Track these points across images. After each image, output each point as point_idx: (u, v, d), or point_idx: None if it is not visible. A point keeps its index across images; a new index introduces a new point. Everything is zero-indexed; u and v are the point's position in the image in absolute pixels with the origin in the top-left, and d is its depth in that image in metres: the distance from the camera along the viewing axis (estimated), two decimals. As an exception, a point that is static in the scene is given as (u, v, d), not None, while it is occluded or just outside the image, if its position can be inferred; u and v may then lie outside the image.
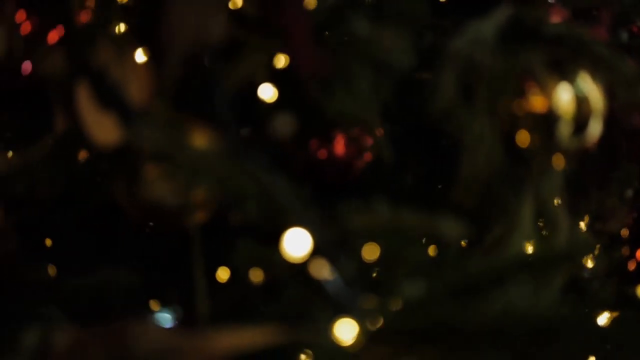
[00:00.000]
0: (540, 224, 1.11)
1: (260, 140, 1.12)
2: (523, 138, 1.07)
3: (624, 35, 1.48)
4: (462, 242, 0.98)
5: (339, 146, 1.15)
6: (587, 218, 1.38)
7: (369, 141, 1.14)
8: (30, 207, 1.14)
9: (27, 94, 1.11)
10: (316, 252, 0.92)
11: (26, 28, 1.05)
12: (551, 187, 1.11)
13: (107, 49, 0.91)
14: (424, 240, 0.99)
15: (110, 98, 0.90)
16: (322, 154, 1.15)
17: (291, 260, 0.87)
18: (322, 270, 0.91)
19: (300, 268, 0.94)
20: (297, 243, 0.87)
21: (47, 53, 1.02)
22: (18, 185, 1.11)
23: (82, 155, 1.10)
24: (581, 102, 1.05)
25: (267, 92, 1.16)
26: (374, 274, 0.98)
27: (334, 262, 0.92)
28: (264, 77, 1.12)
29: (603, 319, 1.43)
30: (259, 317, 0.97)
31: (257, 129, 1.12)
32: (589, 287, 1.42)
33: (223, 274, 1.16)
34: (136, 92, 0.92)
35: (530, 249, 1.07)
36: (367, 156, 1.15)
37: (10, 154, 1.14)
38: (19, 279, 1.08)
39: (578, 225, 1.31)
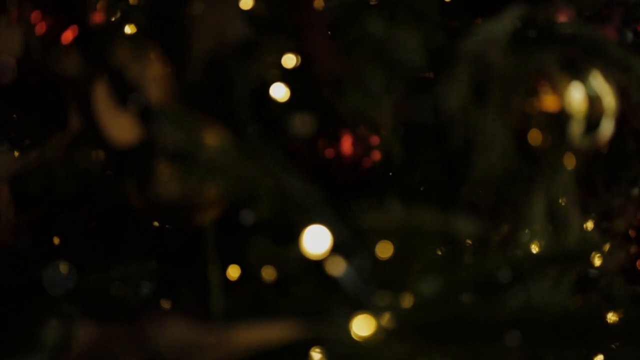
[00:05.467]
0: (551, 222, 1.12)
1: (275, 139, 1.12)
2: (535, 137, 1.08)
3: (629, 35, 1.48)
4: (469, 241, 0.98)
5: (349, 145, 1.16)
6: (595, 217, 1.38)
7: (379, 140, 1.14)
8: (44, 205, 1.14)
9: (42, 93, 1.12)
10: (332, 249, 0.92)
11: (41, 28, 1.05)
12: (562, 186, 1.12)
13: (124, 47, 0.92)
14: (437, 239, 0.99)
15: (127, 97, 0.91)
16: (333, 152, 1.16)
17: (310, 258, 0.88)
18: (338, 267, 0.92)
19: (315, 265, 0.95)
20: (316, 240, 0.88)
21: (62, 53, 1.03)
22: (32, 183, 1.11)
23: (97, 154, 1.10)
24: (593, 101, 1.06)
25: (279, 92, 1.16)
26: (389, 271, 0.99)
27: (349, 259, 0.92)
28: (276, 77, 1.13)
29: (611, 317, 1.43)
30: (273, 314, 0.97)
31: (270, 128, 1.12)
32: (598, 285, 1.43)
33: (234, 271, 1.17)
34: (154, 90, 0.93)
35: (540, 247, 1.08)
36: (377, 155, 1.15)
37: (21, 152, 1.15)
38: (32, 277, 1.09)
39: (586, 223, 1.32)
